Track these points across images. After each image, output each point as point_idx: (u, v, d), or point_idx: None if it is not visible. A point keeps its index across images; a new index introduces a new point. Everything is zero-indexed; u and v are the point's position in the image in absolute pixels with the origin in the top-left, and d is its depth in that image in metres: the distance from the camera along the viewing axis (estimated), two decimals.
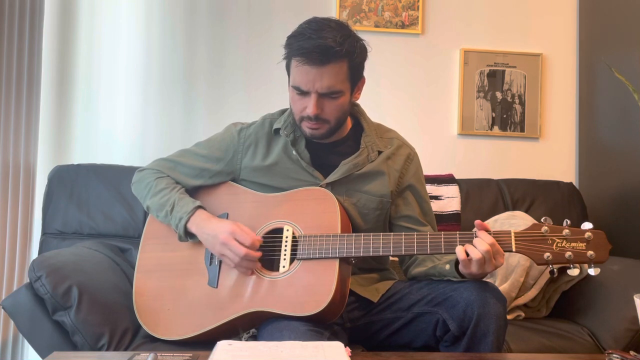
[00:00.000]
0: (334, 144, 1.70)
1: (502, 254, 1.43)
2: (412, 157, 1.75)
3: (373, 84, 2.62)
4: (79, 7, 2.61)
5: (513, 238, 1.44)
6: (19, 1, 2.31)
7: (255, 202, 1.66)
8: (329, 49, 1.51)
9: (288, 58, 1.60)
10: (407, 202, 1.73)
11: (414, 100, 2.77)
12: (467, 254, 1.42)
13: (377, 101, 2.68)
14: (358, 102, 1.75)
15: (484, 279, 1.54)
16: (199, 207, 1.63)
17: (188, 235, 1.63)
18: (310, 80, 1.54)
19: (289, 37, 1.59)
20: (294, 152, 1.67)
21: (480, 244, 1.41)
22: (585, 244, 1.41)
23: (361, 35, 1.63)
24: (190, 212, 1.61)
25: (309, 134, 1.63)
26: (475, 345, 1.47)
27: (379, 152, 1.70)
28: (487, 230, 1.45)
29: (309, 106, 1.57)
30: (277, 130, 1.70)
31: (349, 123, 1.73)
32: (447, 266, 1.55)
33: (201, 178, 1.73)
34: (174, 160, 1.76)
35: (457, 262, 1.52)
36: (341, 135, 1.71)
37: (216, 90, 2.67)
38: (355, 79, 1.63)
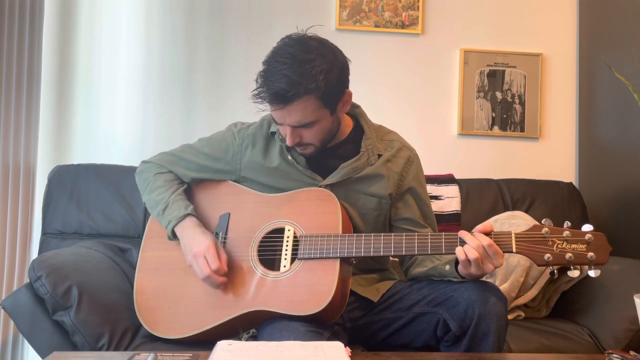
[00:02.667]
0: (333, 147, 1.69)
1: (501, 254, 1.43)
2: (412, 160, 1.74)
3: (373, 84, 2.63)
4: (79, 7, 2.61)
5: (514, 239, 1.44)
6: (19, 1, 2.31)
7: (257, 202, 1.66)
8: (284, 93, 1.48)
9: None
10: (407, 205, 1.72)
11: (413, 100, 2.77)
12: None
13: (377, 101, 2.67)
14: (359, 103, 1.75)
15: (485, 279, 1.54)
16: (189, 215, 1.65)
17: (176, 237, 1.66)
18: (280, 116, 1.55)
19: (258, 73, 1.55)
20: (289, 157, 1.67)
21: (472, 241, 1.41)
22: (585, 245, 1.41)
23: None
24: (180, 218, 1.63)
25: (299, 153, 1.65)
26: (476, 345, 1.47)
27: (379, 156, 1.70)
28: (489, 233, 1.45)
29: (287, 137, 1.58)
30: (274, 133, 1.71)
31: (349, 125, 1.73)
32: (447, 267, 1.55)
33: (203, 172, 1.75)
34: (177, 155, 1.78)
35: (456, 263, 1.52)
36: (340, 139, 1.71)
37: (216, 90, 2.67)
38: (333, 102, 1.57)
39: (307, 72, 1.48)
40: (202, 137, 1.81)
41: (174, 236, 1.65)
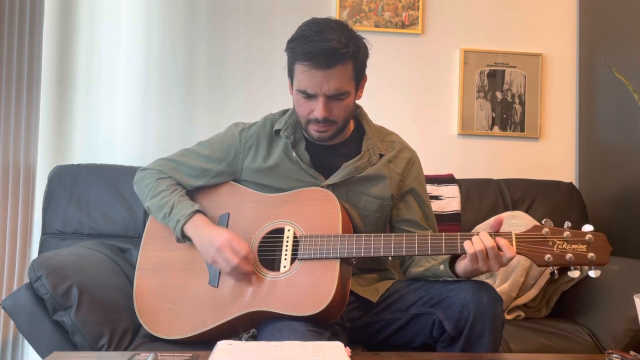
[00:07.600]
0: (336, 145, 1.70)
1: (501, 263, 1.43)
2: (413, 161, 1.75)
3: (373, 84, 2.61)
4: (79, 7, 2.61)
5: (514, 239, 1.44)
6: (19, 1, 2.31)
7: (257, 202, 1.66)
8: (335, 51, 1.50)
9: (291, 62, 1.59)
10: (408, 206, 1.73)
11: (413, 100, 2.77)
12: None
13: (377, 101, 2.67)
14: (360, 103, 1.75)
15: (481, 279, 1.54)
16: (198, 211, 1.63)
17: (185, 238, 1.63)
18: (317, 83, 1.54)
19: (290, 41, 1.58)
20: (293, 154, 1.66)
21: (477, 244, 1.42)
22: (586, 246, 1.41)
23: (361, 35, 1.63)
24: (188, 215, 1.61)
25: (316, 136, 1.63)
26: (471, 345, 1.47)
27: (380, 156, 1.70)
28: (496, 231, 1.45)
29: (317, 109, 1.56)
30: (277, 131, 1.70)
31: (351, 125, 1.73)
32: (442, 267, 1.55)
33: (203, 178, 1.73)
34: (176, 160, 1.76)
35: (450, 262, 1.52)
36: (343, 137, 1.71)
37: (216, 90, 2.67)
38: (359, 78, 1.63)
39: (354, 37, 1.57)
40: (201, 140, 1.80)
41: (182, 237, 1.63)
